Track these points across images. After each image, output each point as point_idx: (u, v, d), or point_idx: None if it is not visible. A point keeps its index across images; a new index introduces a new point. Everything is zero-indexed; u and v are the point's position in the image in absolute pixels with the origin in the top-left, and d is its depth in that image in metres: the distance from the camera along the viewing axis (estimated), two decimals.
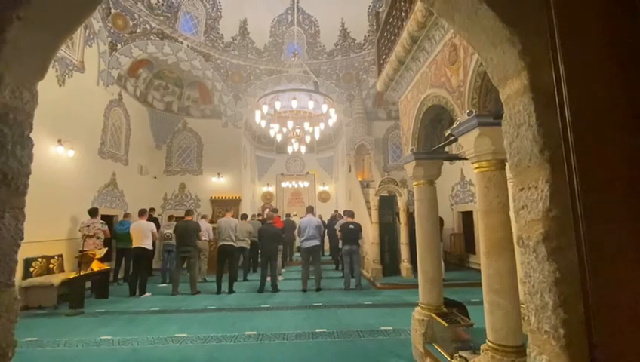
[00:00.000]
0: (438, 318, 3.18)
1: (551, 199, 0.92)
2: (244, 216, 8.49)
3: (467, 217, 9.57)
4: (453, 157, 4.25)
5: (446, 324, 3.03)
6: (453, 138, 2.96)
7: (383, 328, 4.50)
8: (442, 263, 7.39)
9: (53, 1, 0.92)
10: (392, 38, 3.74)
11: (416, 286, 3.75)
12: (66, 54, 6.83)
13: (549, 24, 0.88)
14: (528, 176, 1.01)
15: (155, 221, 8.43)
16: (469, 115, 2.46)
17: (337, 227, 7.95)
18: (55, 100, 6.39)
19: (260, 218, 10.30)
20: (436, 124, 3.54)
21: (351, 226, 7.26)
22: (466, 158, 2.95)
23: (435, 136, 3.57)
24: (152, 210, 9.15)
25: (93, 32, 7.70)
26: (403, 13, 3.31)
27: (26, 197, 0.98)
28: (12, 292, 0.90)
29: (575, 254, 0.83)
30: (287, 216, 10.96)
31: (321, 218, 9.50)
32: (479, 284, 2.51)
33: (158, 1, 9.26)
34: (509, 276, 2.30)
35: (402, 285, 7.15)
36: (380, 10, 9.44)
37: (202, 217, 8.94)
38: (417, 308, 3.57)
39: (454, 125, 2.71)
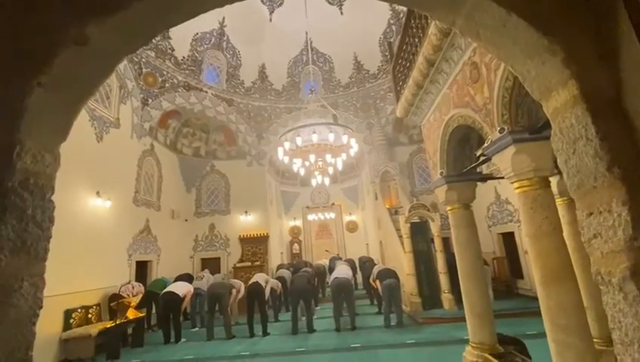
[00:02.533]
0: (494, 360, 2.80)
1: (634, 225, 0.75)
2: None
3: (508, 238, 8.89)
4: (487, 178, 4.00)
5: None
6: (485, 158, 2.78)
7: None
8: (491, 291, 6.81)
9: (73, 66, 0.93)
10: (408, 64, 3.73)
11: (462, 319, 3.40)
12: (103, 113, 7.44)
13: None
14: (596, 198, 0.85)
15: (189, 278, 8.48)
16: (500, 132, 2.31)
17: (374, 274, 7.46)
18: (94, 155, 6.87)
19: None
20: (464, 144, 3.38)
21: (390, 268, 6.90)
22: (501, 178, 2.74)
23: (464, 156, 3.39)
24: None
25: (127, 91, 8.39)
26: (416, 40, 3.31)
27: (67, 249, 0.96)
28: None
29: None
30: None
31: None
32: (533, 314, 2.22)
33: (184, 57, 10.06)
34: (575, 309, 2.00)
35: (446, 319, 6.58)
36: (392, 40, 9.68)
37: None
38: (468, 348, 3.19)
39: (485, 144, 2.54)
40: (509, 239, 8.85)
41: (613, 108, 0.84)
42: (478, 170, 3.59)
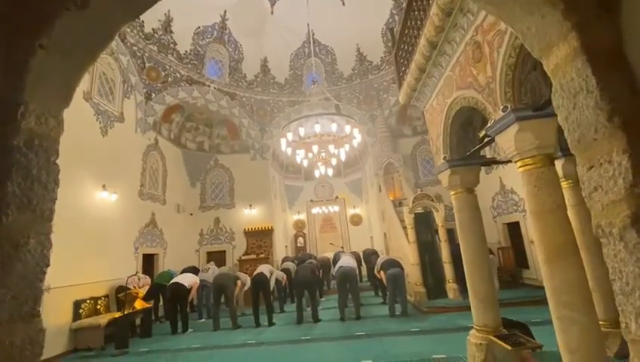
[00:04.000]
0: (499, 341, 2.81)
1: (634, 172, 0.75)
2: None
3: (513, 229, 8.84)
4: (490, 162, 3.97)
5: (510, 347, 2.66)
6: (489, 139, 2.76)
7: (435, 356, 4.07)
8: (497, 281, 6.79)
9: (74, 30, 0.94)
10: (410, 48, 3.70)
11: (468, 308, 3.40)
12: (107, 108, 7.50)
13: None
14: (597, 150, 0.85)
15: (195, 270, 8.53)
16: (503, 110, 2.29)
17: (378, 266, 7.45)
18: (99, 150, 6.95)
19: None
20: (467, 127, 3.35)
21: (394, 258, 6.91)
22: (505, 162, 2.72)
23: (467, 140, 3.37)
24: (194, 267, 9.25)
25: (131, 85, 8.44)
26: (418, 22, 3.28)
27: (75, 242, 0.99)
28: (37, 323, 0.87)
29: None
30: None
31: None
32: (539, 302, 2.22)
33: (186, 52, 10.06)
34: (579, 285, 1.99)
35: (451, 308, 6.59)
36: (393, 27, 9.58)
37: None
38: (473, 331, 3.20)
39: (489, 124, 2.53)
40: (514, 229, 8.80)
41: (614, 58, 0.83)
42: (482, 153, 3.57)
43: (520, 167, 2.31)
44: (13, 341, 0.79)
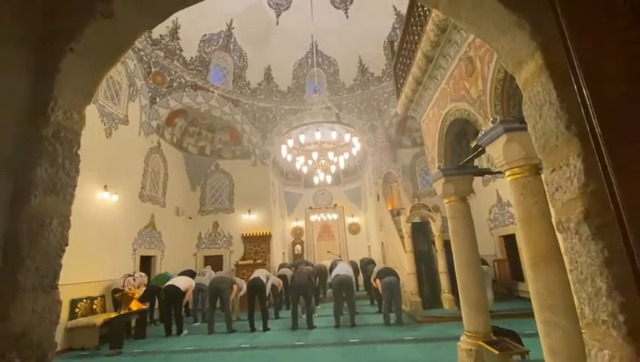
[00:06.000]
0: (488, 347, 2.87)
1: (586, 173, 0.86)
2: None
3: (510, 241, 8.90)
4: (483, 172, 4.09)
5: (497, 352, 2.72)
6: (480, 149, 2.88)
7: None
8: (491, 292, 6.82)
9: (99, 36, 1.07)
10: (408, 61, 3.85)
11: (462, 319, 3.46)
12: (113, 110, 7.66)
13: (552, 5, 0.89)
14: (558, 155, 0.96)
15: (192, 274, 8.54)
16: (493, 122, 2.41)
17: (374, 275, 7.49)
18: (103, 150, 7.07)
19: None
20: (461, 138, 3.48)
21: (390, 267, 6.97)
22: (496, 172, 2.84)
23: (461, 150, 3.49)
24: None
25: (136, 89, 8.62)
26: (416, 37, 3.43)
27: (75, 240, 1.09)
28: (55, 294, 0.96)
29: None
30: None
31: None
32: (533, 315, 2.27)
33: (192, 58, 10.29)
34: (562, 290, 2.08)
35: (446, 318, 6.61)
36: (394, 41, 9.82)
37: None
38: (463, 337, 3.26)
39: (479, 135, 2.65)
40: (510, 241, 8.86)
41: (569, 74, 0.95)
42: (476, 164, 3.69)
43: (508, 176, 2.42)
44: (35, 308, 0.89)
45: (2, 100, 0.89)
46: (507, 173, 2.43)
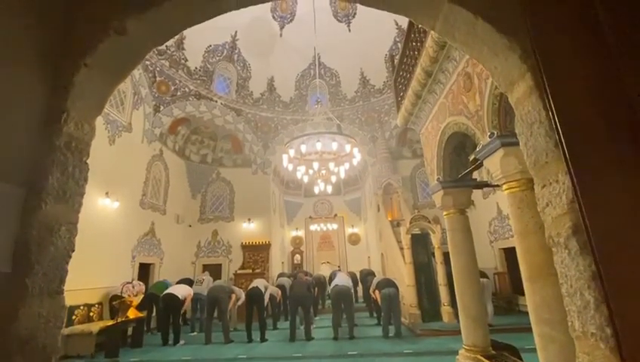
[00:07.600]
0: (486, 361, 2.86)
1: (574, 190, 0.90)
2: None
3: (510, 254, 8.86)
4: (481, 185, 4.12)
5: None
6: (478, 162, 2.92)
7: None
8: (492, 306, 6.76)
9: (112, 52, 1.13)
10: (408, 75, 3.94)
11: (461, 332, 3.44)
12: (117, 118, 7.76)
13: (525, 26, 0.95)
14: (547, 171, 1.00)
15: (190, 282, 8.49)
16: (490, 136, 2.46)
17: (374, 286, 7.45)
18: (106, 157, 7.14)
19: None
20: (460, 151, 3.53)
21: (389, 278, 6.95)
22: (496, 185, 2.88)
23: (460, 163, 3.54)
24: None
25: (141, 97, 8.75)
26: (416, 52, 3.52)
27: (75, 247, 1.13)
28: (61, 299, 0.99)
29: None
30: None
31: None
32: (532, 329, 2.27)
33: (196, 68, 10.47)
34: (558, 304, 2.08)
35: (445, 331, 6.54)
36: (395, 55, 10.00)
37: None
38: (461, 351, 3.24)
39: (477, 149, 2.70)
40: (510, 254, 8.82)
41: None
42: (475, 177, 3.73)
43: (506, 189, 2.46)
44: (41, 312, 0.91)
45: (20, 112, 0.94)
46: (504, 186, 2.47)
